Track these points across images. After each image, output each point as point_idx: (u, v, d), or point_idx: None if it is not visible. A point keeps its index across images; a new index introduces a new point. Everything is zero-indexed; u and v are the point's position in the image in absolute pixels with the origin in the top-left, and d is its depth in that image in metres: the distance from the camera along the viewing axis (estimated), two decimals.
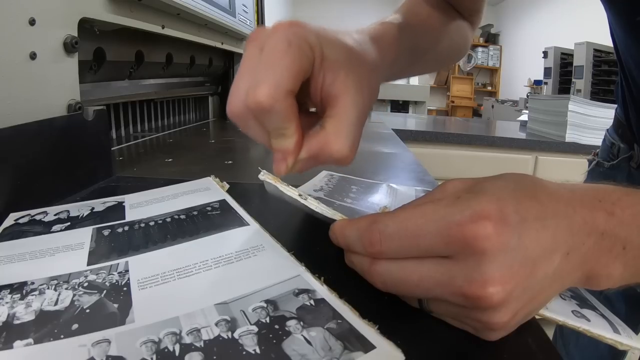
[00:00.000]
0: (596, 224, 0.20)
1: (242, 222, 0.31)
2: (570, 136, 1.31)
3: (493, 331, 0.19)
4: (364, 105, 0.24)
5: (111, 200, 0.37)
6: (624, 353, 0.60)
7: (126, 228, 0.31)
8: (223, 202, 0.36)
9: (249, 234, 0.29)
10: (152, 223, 0.31)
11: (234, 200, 0.36)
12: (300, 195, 0.27)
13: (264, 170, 0.30)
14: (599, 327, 0.22)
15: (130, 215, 0.33)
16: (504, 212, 0.18)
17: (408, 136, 1.38)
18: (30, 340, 0.18)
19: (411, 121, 1.91)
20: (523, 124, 1.74)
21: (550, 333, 0.61)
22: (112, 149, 0.64)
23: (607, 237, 0.20)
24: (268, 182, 0.30)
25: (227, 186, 0.41)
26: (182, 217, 0.33)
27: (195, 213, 0.33)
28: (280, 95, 0.21)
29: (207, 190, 0.39)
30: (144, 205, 0.36)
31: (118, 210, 0.35)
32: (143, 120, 0.87)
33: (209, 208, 0.34)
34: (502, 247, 0.18)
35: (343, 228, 0.23)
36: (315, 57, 0.23)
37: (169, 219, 0.32)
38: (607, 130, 0.56)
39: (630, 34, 0.39)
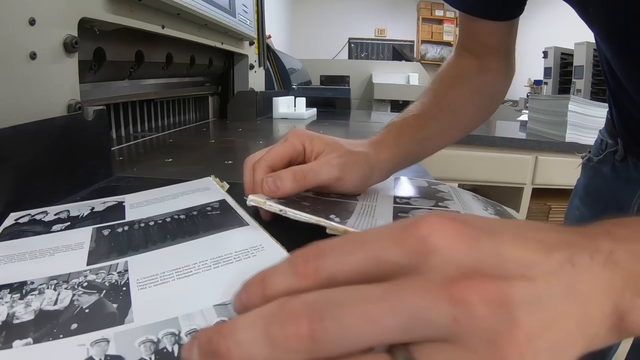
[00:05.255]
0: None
1: (241, 222, 0.31)
2: (570, 136, 1.31)
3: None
4: (337, 162, 0.34)
5: (111, 200, 0.37)
6: (613, 349, 0.60)
7: (126, 228, 0.31)
8: (223, 202, 0.36)
9: (248, 234, 0.29)
10: (151, 223, 0.31)
11: (233, 200, 0.36)
12: (280, 210, 0.29)
13: (251, 195, 0.31)
14: None
15: (130, 215, 0.33)
16: (460, 217, 0.15)
17: None
18: (30, 339, 0.18)
19: None
20: (523, 124, 1.73)
21: None
22: (112, 149, 0.64)
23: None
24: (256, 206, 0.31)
25: (227, 186, 0.41)
26: (182, 217, 0.33)
27: (195, 213, 0.33)
28: (262, 162, 0.34)
29: (207, 190, 0.39)
30: (143, 205, 0.36)
31: (118, 210, 0.35)
32: (143, 120, 0.87)
33: (208, 208, 0.34)
34: (467, 239, 0.14)
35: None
36: (306, 147, 0.35)
37: (168, 219, 0.32)
38: (600, 130, 0.58)
39: (611, 46, 0.39)
